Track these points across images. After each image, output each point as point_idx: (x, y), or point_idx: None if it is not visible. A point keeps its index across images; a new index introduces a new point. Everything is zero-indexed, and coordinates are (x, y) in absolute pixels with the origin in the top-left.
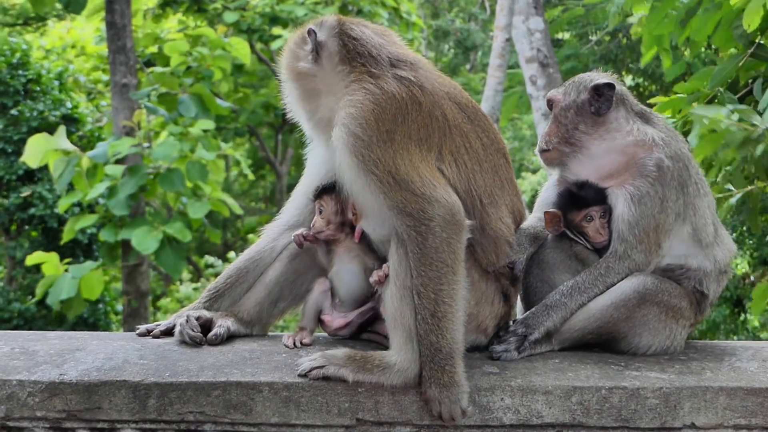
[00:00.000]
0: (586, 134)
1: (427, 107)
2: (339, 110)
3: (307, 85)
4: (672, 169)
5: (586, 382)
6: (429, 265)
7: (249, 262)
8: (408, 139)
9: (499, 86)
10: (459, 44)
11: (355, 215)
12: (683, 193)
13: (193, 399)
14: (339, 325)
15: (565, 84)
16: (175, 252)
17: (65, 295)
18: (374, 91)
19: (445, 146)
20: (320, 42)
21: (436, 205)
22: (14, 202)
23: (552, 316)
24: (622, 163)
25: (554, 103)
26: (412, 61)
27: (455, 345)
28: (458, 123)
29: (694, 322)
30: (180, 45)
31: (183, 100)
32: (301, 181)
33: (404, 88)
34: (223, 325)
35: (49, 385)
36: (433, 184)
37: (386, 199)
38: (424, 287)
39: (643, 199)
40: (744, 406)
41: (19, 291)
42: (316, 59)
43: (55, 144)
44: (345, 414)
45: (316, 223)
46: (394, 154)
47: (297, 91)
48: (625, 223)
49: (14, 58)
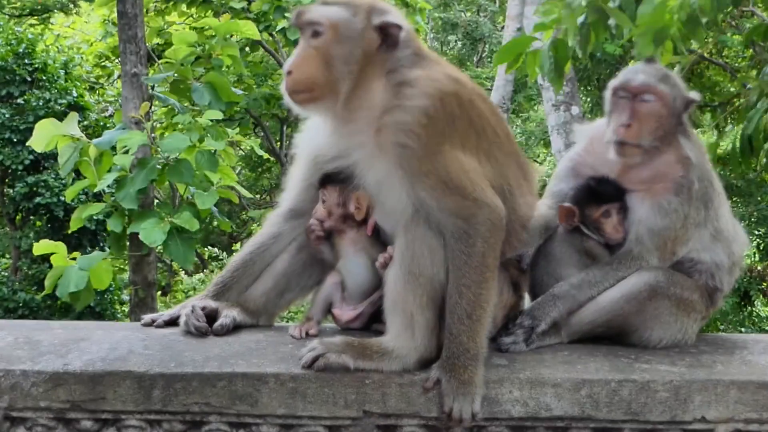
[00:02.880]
0: (663, 140)
1: (467, 108)
2: (385, 110)
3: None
4: (698, 190)
5: (595, 375)
6: (474, 268)
7: (254, 252)
8: (456, 144)
9: (509, 76)
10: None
11: (358, 209)
12: (706, 208)
13: (198, 390)
14: (349, 317)
15: (658, 75)
16: (185, 242)
17: (75, 287)
18: (426, 95)
19: (481, 144)
20: (388, 30)
21: (486, 210)
22: (20, 192)
23: (558, 306)
24: (661, 174)
25: (658, 95)
26: (435, 58)
27: (482, 348)
28: (488, 118)
29: (705, 315)
30: (187, 35)
31: (197, 88)
32: (299, 163)
33: (450, 91)
34: (228, 315)
35: (53, 375)
36: (482, 188)
37: (438, 203)
38: (466, 288)
39: (670, 215)
40: (755, 399)
41: (24, 281)
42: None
43: (63, 129)
44: (352, 406)
45: (317, 211)
46: (445, 162)
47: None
48: (646, 229)
49: (20, 48)
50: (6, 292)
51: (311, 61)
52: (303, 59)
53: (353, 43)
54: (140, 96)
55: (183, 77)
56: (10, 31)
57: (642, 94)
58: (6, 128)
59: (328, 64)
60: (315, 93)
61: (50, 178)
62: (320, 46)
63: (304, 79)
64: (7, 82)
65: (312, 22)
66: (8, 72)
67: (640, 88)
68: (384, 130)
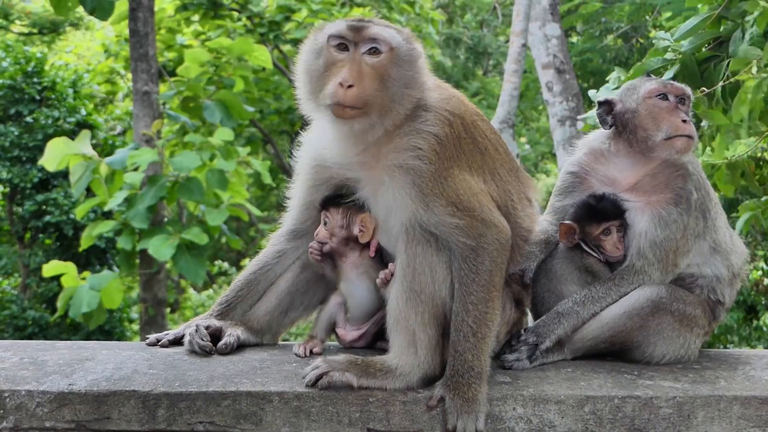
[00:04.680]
0: None
1: (471, 130)
2: (396, 135)
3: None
4: (696, 199)
5: (599, 392)
6: (482, 286)
7: (257, 272)
8: (464, 166)
9: (514, 91)
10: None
11: (363, 232)
12: (704, 218)
13: (202, 409)
14: (353, 338)
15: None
16: (194, 258)
17: (87, 308)
18: (440, 120)
19: (486, 163)
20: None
21: (494, 230)
22: (29, 210)
23: (563, 323)
24: (661, 185)
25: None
26: (440, 82)
27: (486, 366)
28: (489, 137)
29: (708, 330)
30: (200, 54)
31: (208, 106)
32: (299, 182)
33: (459, 113)
34: (233, 334)
35: (58, 396)
36: (489, 208)
37: (448, 224)
38: (473, 306)
39: (670, 226)
40: (758, 415)
41: (33, 299)
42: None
43: (75, 148)
44: (356, 424)
45: (319, 233)
46: (455, 184)
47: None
48: (647, 242)
49: (29, 66)
50: (15, 310)
51: (372, 79)
52: (364, 75)
53: (407, 67)
54: (151, 114)
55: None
56: (18, 50)
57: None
58: (15, 146)
59: (385, 84)
60: (365, 110)
61: (59, 197)
62: (378, 66)
63: (365, 96)
64: (16, 101)
65: (373, 38)
66: (17, 91)
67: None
68: (397, 152)
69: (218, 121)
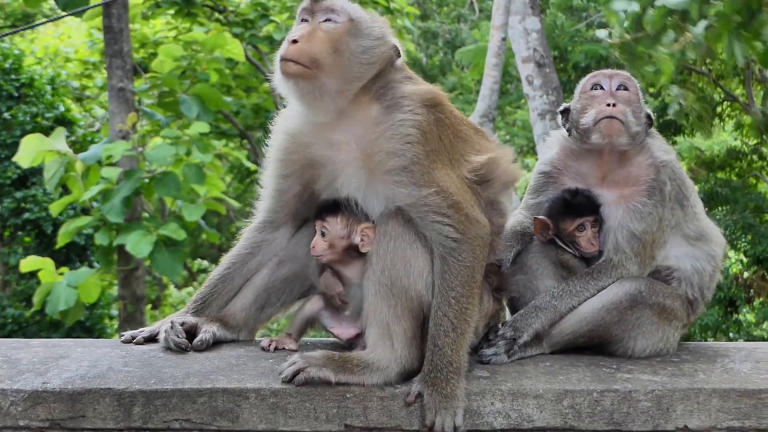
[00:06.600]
0: (636, 139)
1: (450, 117)
2: (378, 125)
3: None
4: (671, 190)
5: (577, 386)
6: (463, 282)
7: (232, 267)
8: (445, 158)
9: (495, 85)
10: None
11: (364, 241)
12: (681, 207)
13: (178, 406)
14: (350, 335)
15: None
16: (172, 254)
17: (64, 305)
18: (422, 109)
19: (467, 149)
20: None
21: (477, 226)
22: (8, 207)
23: (540, 317)
24: (633, 177)
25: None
26: (419, 79)
27: (464, 361)
28: (464, 124)
29: (686, 322)
30: (173, 50)
31: (184, 100)
32: (271, 173)
33: (439, 103)
34: (208, 330)
35: (32, 394)
36: (472, 204)
37: (432, 217)
38: (455, 300)
39: (645, 218)
40: (737, 407)
41: (13, 297)
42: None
43: (49, 145)
44: (333, 420)
45: (316, 245)
46: (439, 176)
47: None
48: (624, 236)
49: (7, 63)
50: None
51: (322, 40)
52: (315, 36)
53: (368, 46)
54: (126, 110)
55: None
56: None
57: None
58: None
59: (337, 50)
60: (313, 71)
61: (38, 193)
62: (332, 31)
63: (310, 52)
64: None
65: (329, 9)
66: None
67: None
68: (379, 140)
69: (195, 115)
